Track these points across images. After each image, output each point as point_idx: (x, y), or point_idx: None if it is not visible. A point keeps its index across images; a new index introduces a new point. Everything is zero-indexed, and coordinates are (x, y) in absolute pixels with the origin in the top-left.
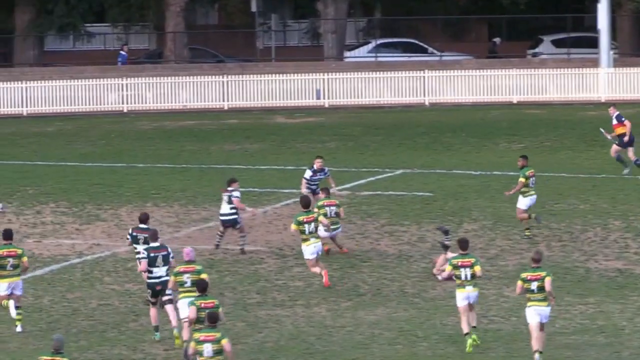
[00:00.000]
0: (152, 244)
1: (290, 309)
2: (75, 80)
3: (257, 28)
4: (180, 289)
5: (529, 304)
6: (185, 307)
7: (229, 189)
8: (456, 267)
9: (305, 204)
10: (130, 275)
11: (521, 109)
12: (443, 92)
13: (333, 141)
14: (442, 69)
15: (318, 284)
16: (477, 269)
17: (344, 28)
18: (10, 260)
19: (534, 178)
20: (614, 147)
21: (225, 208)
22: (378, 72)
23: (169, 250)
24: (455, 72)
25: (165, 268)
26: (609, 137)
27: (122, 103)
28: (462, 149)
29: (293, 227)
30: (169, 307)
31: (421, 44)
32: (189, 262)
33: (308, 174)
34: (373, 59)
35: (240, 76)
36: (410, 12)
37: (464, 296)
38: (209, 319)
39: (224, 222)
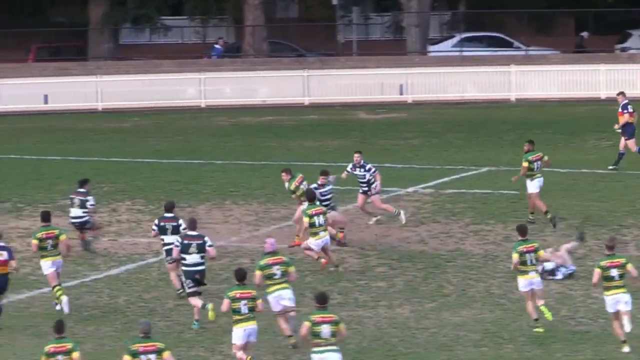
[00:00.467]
0: (190, 232)
1: (372, 309)
2: (152, 75)
3: (338, 21)
4: (270, 282)
5: (609, 292)
6: (276, 302)
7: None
8: (522, 253)
9: (311, 197)
10: (208, 274)
11: (609, 105)
12: (529, 88)
13: (416, 138)
14: (528, 63)
15: (401, 284)
16: (541, 253)
17: (427, 21)
18: (50, 241)
19: (538, 162)
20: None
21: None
22: (462, 67)
23: (205, 239)
24: (542, 67)
25: (199, 256)
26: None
27: (200, 98)
28: (549, 146)
29: (305, 220)
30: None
31: (507, 38)
32: (274, 253)
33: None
34: (457, 54)
35: (321, 71)
36: (495, 5)
37: (527, 282)
38: (320, 301)
39: None
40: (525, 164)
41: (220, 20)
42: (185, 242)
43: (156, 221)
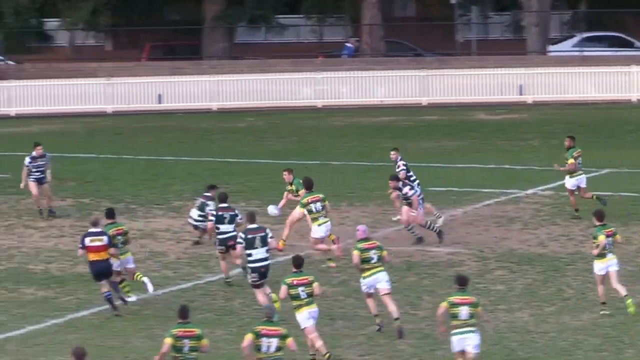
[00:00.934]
0: (250, 226)
1: (491, 313)
2: (267, 74)
3: (456, 20)
4: (367, 266)
5: None
6: (371, 285)
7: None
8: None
9: (309, 185)
10: (325, 277)
11: None
12: None
13: (536, 139)
14: None
15: (521, 287)
16: (618, 237)
17: (547, 21)
18: (120, 237)
19: (580, 158)
20: None
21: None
22: (582, 67)
23: (267, 231)
24: None
25: (264, 250)
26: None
27: (316, 98)
28: None
29: (301, 210)
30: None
31: (628, 38)
32: (367, 239)
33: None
34: (577, 54)
35: (439, 70)
36: (617, 4)
37: (604, 265)
38: (461, 282)
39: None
40: (572, 160)
41: (337, 19)
42: (250, 236)
43: (213, 211)
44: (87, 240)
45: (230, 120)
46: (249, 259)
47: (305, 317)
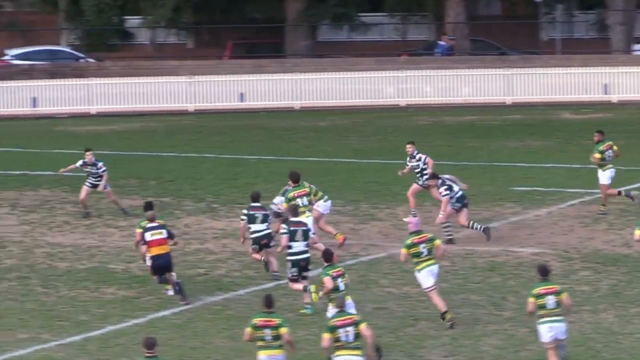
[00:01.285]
0: (293, 219)
1: (576, 314)
2: (350, 73)
3: (541, 19)
4: (417, 259)
5: None
6: (428, 277)
7: None
8: None
9: (295, 178)
10: (408, 277)
11: None
12: None
13: (622, 139)
14: None
15: (606, 288)
16: None
17: (633, 19)
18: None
19: (610, 151)
20: None
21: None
22: None
23: (309, 226)
24: None
25: (304, 244)
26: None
27: (399, 97)
28: None
29: (284, 205)
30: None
31: None
32: (418, 232)
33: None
34: None
35: (524, 69)
36: None
37: None
38: (543, 272)
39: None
40: (597, 155)
41: (421, 17)
42: (292, 229)
43: (245, 210)
44: (148, 235)
45: (312, 119)
46: (289, 251)
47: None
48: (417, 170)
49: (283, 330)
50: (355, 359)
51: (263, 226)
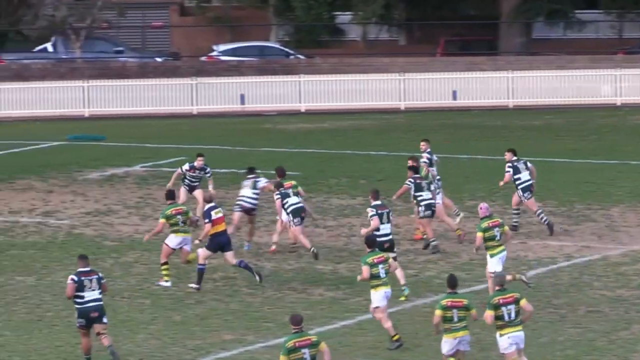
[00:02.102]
0: (376, 202)
1: None
2: (564, 71)
3: None
4: (491, 243)
5: None
6: (498, 263)
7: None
8: None
9: (281, 173)
10: (622, 280)
11: None
12: None
13: None
14: None
15: None
16: None
17: None
18: (179, 217)
19: None
20: None
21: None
22: None
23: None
24: None
25: (389, 225)
26: None
27: (615, 96)
28: None
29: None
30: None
31: None
32: (490, 216)
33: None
34: None
35: None
36: None
37: None
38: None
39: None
40: None
41: (637, 15)
42: (380, 211)
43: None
44: (213, 214)
45: (526, 118)
46: (376, 233)
47: (381, 296)
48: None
49: (473, 312)
50: (520, 334)
51: (297, 199)
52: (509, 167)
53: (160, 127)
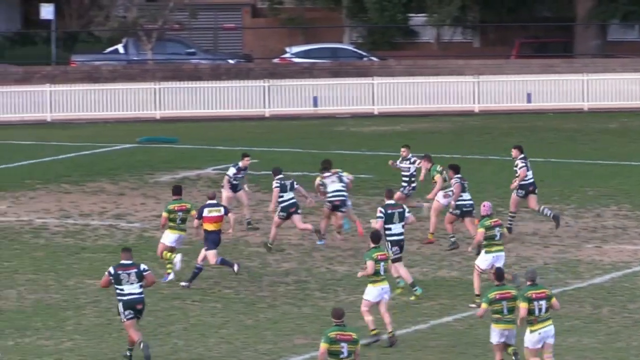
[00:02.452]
0: (389, 201)
1: None
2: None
3: None
4: (490, 242)
5: None
6: (491, 261)
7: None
8: None
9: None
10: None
11: None
12: None
13: None
14: None
15: None
16: None
17: None
18: (180, 214)
19: None
20: None
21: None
22: None
23: (404, 207)
24: None
25: (401, 224)
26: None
27: None
28: None
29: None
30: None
31: None
32: (491, 216)
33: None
34: None
35: None
36: None
37: None
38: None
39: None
40: None
41: None
42: (389, 211)
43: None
44: (206, 211)
45: (602, 121)
46: (388, 232)
47: (377, 292)
48: (405, 174)
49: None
50: (551, 329)
51: (291, 194)
52: (523, 163)
53: (232, 129)
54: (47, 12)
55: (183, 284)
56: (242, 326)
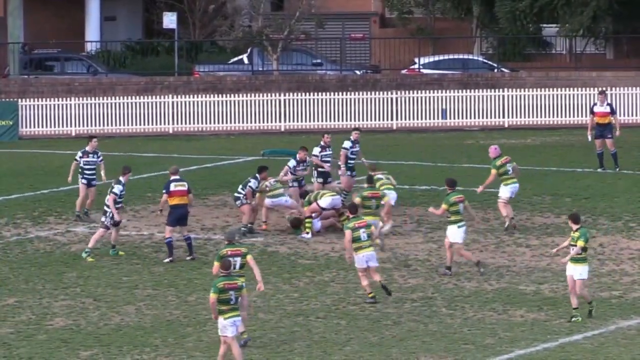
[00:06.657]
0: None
1: None
2: None
3: None
4: (504, 177)
5: None
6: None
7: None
8: None
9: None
10: None
11: None
12: None
13: None
14: None
15: None
16: None
17: None
18: (374, 200)
19: None
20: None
21: None
22: None
23: None
24: None
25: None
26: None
27: None
28: None
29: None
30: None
31: None
32: (501, 155)
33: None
34: None
35: None
36: None
37: None
38: None
39: None
40: None
41: None
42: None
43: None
44: (172, 186)
45: None
46: None
47: (361, 259)
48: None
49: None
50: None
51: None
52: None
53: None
54: (169, 21)
55: (188, 258)
56: (366, 344)
